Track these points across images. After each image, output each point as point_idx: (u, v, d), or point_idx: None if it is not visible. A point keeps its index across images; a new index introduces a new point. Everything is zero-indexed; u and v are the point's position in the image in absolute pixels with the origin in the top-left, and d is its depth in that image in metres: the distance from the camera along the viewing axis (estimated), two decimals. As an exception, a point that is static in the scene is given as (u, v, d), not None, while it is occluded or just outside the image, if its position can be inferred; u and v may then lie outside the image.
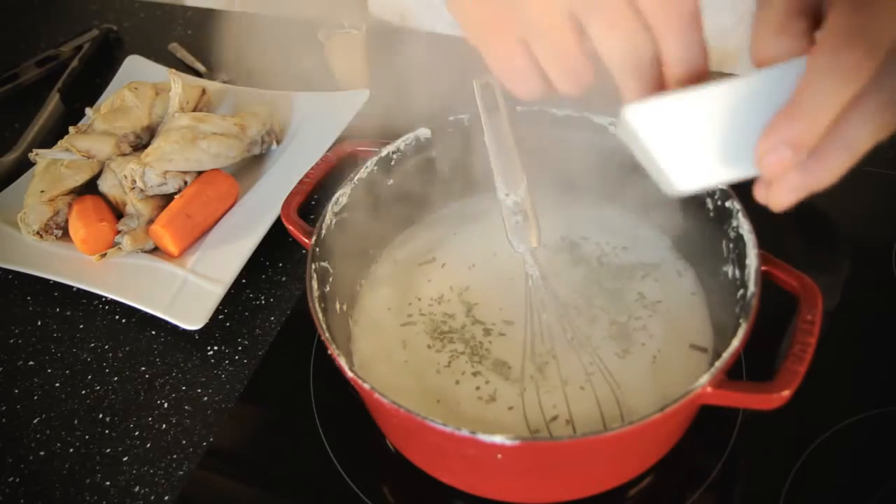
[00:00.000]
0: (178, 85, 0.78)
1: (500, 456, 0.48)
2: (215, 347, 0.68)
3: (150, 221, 0.73)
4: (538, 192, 0.69)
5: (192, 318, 0.67)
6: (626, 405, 0.54)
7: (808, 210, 0.72)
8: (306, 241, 0.59)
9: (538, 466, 0.51)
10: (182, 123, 0.76)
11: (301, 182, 0.64)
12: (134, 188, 0.73)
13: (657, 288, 0.62)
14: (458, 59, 0.54)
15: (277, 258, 0.74)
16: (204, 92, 0.83)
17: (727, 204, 0.57)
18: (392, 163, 0.64)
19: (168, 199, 0.75)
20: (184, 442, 0.62)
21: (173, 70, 0.81)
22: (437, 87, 0.64)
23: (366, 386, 0.49)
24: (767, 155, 0.37)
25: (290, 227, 0.61)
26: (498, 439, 0.45)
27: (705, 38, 0.40)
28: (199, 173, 0.76)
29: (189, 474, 0.59)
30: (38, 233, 0.73)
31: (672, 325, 0.60)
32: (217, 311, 0.69)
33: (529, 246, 0.58)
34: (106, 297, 0.71)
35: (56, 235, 0.74)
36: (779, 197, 0.39)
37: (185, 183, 0.75)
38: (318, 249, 0.58)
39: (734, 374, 0.57)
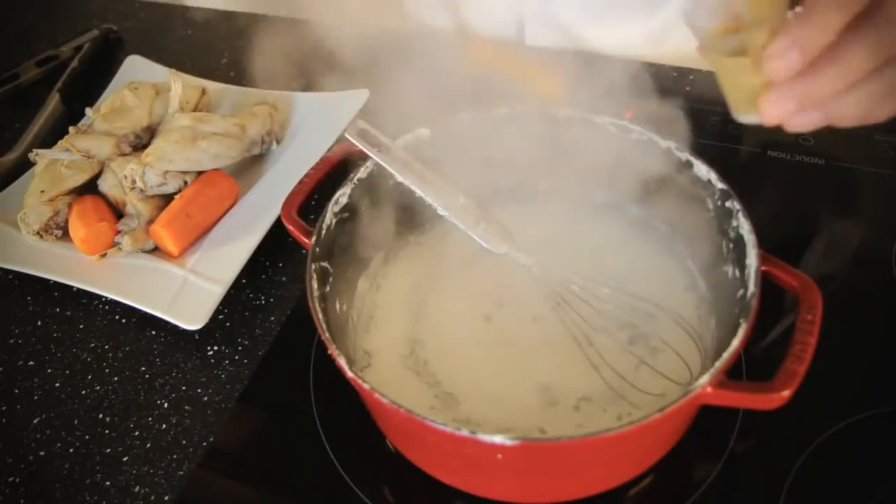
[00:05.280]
0: (178, 85, 0.78)
1: (500, 456, 0.48)
2: (215, 347, 0.68)
3: (150, 221, 0.73)
4: (538, 190, 0.69)
5: (192, 318, 0.67)
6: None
7: (809, 210, 0.73)
8: (306, 241, 0.59)
9: (538, 466, 0.51)
10: (182, 123, 0.76)
11: (301, 182, 0.64)
12: (134, 188, 0.73)
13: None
14: (461, 58, 0.54)
15: (277, 258, 0.74)
16: (204, 92, 0.83)
17: (727, 204, 0.57)
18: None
19: (168, 199, 0.74)
20: (184, 442, 0.62)
21: (173, 70, 0.81)
22: (438, 86, 0.64)
23: (366, 386, 0.49)
24: (776, 58, 0.42)
25: (290, 227, 0.61)
26: (498, 439, 0.45)
27: None
28: (199, 173, 0.76)
29: (189, 474, 0.59)
30: (38, 233, 0.73)
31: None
32: (217, 311, 0.69)
33: (508, 244, 0.59)
34: (106, 297, 0.71)
35: (56, 235, 0.74)
36: (776, 104, 0.44)
37: (185, 183, 0.75)
38: (318, 249, 0.58)
39: (734, 374, 0.57)
